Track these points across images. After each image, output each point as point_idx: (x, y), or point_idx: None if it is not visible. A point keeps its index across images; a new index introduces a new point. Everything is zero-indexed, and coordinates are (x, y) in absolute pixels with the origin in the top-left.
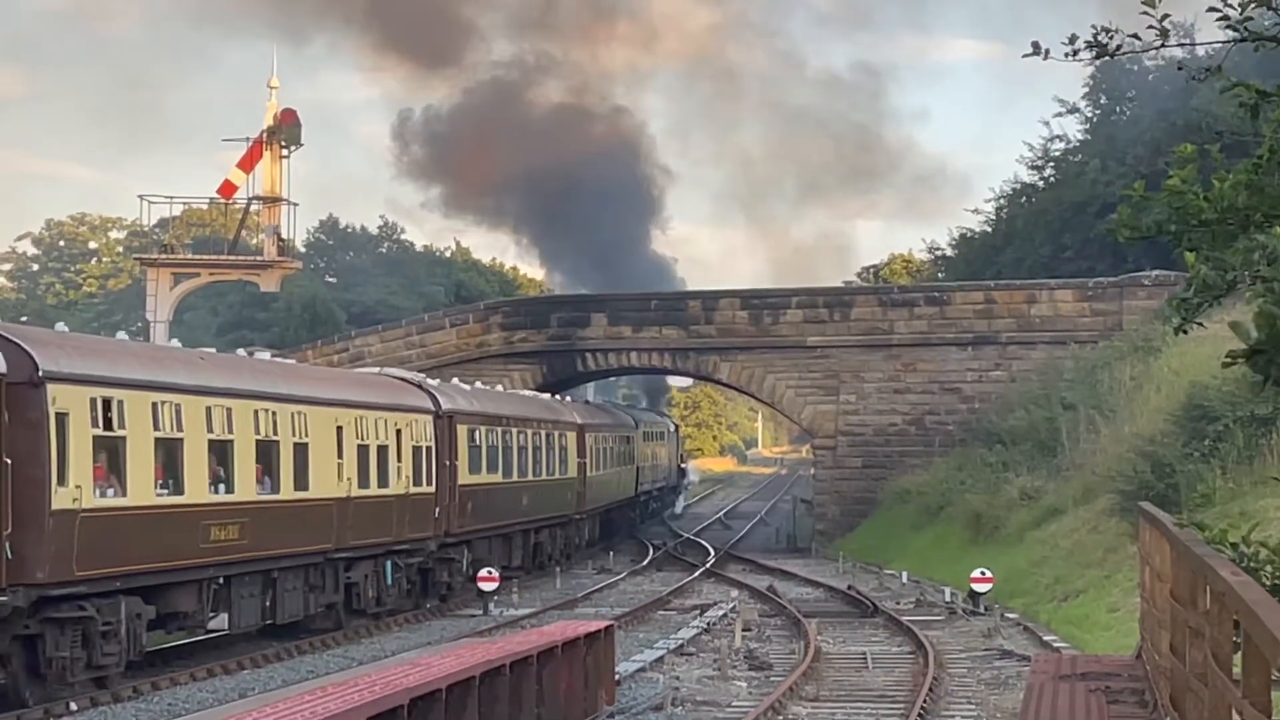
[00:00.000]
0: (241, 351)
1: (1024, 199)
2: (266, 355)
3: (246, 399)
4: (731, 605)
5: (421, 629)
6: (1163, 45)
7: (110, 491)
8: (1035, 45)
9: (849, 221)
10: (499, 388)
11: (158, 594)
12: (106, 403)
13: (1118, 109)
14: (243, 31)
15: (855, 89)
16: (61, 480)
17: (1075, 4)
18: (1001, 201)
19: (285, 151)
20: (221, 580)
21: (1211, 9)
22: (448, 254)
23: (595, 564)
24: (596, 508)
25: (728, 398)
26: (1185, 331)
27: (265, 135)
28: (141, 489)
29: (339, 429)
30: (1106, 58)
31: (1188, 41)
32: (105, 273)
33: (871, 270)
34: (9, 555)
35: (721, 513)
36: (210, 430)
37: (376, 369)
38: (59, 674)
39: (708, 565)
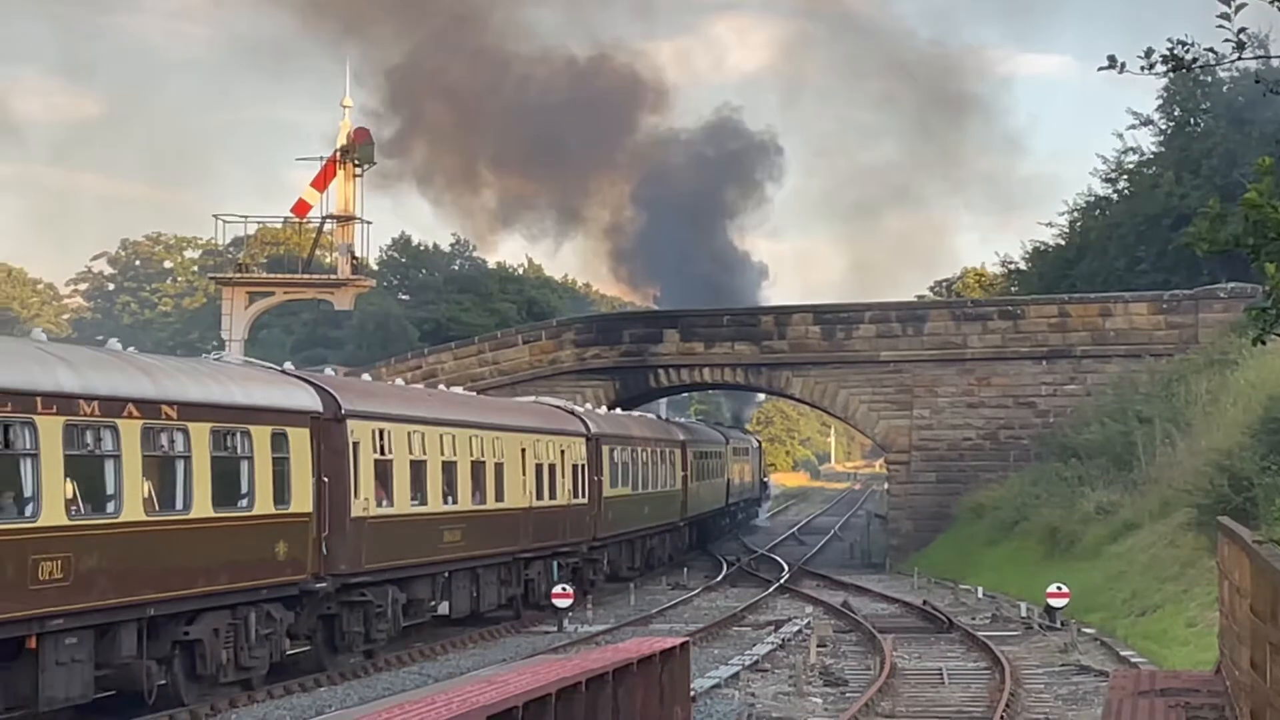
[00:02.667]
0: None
1: (1098, 212)
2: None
3: (464, 428)
4: (806, 621)
5: (496, 646)
6: (1239, 58)
7: (384, 503)
8: (1111, 59)
9: (926, 234)
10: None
11: (406, 585)
12: (381, 433)
13: (1192, 121)
14: (313, 53)
15: (933, 101)
16: (356, 494)
17: (1144, 16)
18: (1075, 214)
19: (358, 170)
20: (446, 574)
21: None
22: (520, 271)
23: (669, 580)
24: (696, 516)
25: (800, 413)
26: (1263, 343)
27: (339, 154)
28: (402, 501)
29: (523, 451)
30: (1182, 70)
31: (1263, 54)
32: (180, 292)
33: (944, 284)
34: (324, 551)
35: (795, 528)
36: (442, 453)
37: (533, 398)
38: (349, 645)
39: (782, 581)
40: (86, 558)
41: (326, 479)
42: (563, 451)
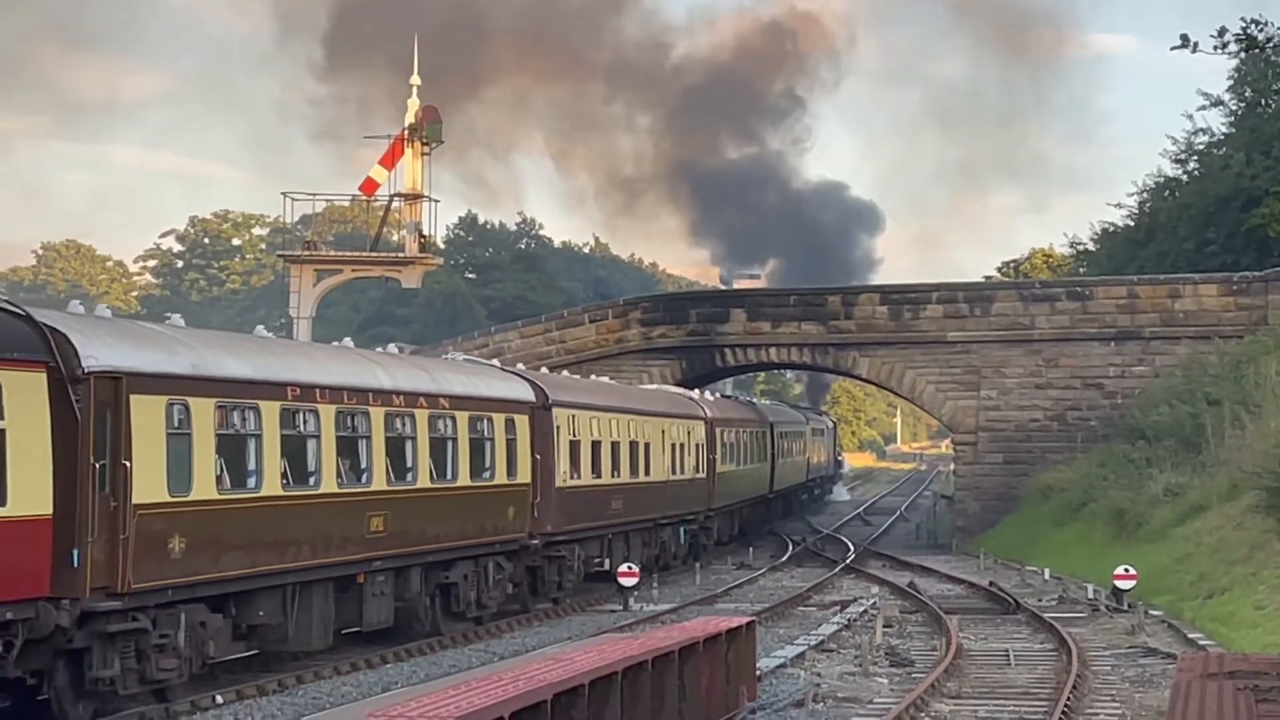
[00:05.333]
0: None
1: (1167, 193)
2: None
3: (624, 413)
4: (872, 601)
5: (562, 624)
6: None
7: (574, 475)
8: (1184, 38)
9: (992, 215)
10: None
11: (584, 544)
12: (573, 418)
13: (1263, 102)
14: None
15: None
16: (558, 468)
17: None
18: (1144, 195)
19: (426, 148)
20: (609, 536)
21: None
22: (586, 249)
23: (734, 559)
24: (781, 490)
25: (866, 393)
26: None
27: (407, 132)
28: (586, 474)
29: (662, 432)
30: (1255, 50)
31: None
32: (248, 269)
33: (1012, 265)
34: (535, 515)
35: (861, 508)
36: (611, 435)
37: (656, 386)
38: (550, 591)
39: (848, 561)
40: (396, 515)
41: (538, 456)
42: (688, 432)
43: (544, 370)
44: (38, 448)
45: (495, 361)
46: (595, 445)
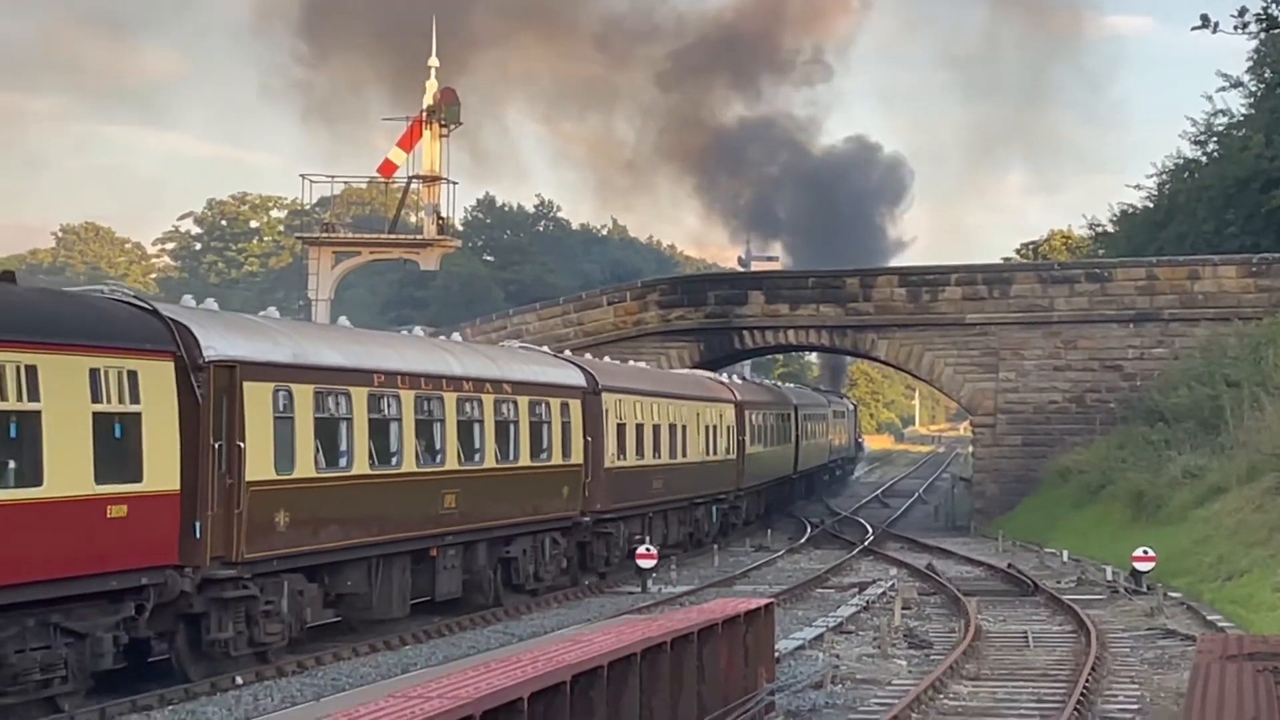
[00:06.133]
0: (418, 330)
1: (1186, 174)
2: (423, 332)
3: (663, 398)
4: (890, 583)
5: (580, 606)
6: None
7: (620, 457)
8: (1204, 18)
9: (1010, 197)
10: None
11: (628, 522)
12: (619, 402)
13: None
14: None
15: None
16: (606, 450)
17: None
18: (1163, 177)
19: (444, 130)
20: (649, 515)
21: None
22: (604, 232)
23: (753, 541)
24: (805, 470)
25: (885, 375)
26: None
27: (425, 114)
28: (630, 456)
29: (697, 415)
30: (1276, 30)
31: None
32: (266, 251)
33: (1031, 247)
34: (586, 494)
35: (879, 490)
36: (653, 418)
37: (688, 370)
38: (599, 566)
39: (866, 543)
40: (466, 493)
41: (589, 438)
42: (720, 415)
43: (567, 353)
44: (168, 430)
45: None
46: (639, 428)
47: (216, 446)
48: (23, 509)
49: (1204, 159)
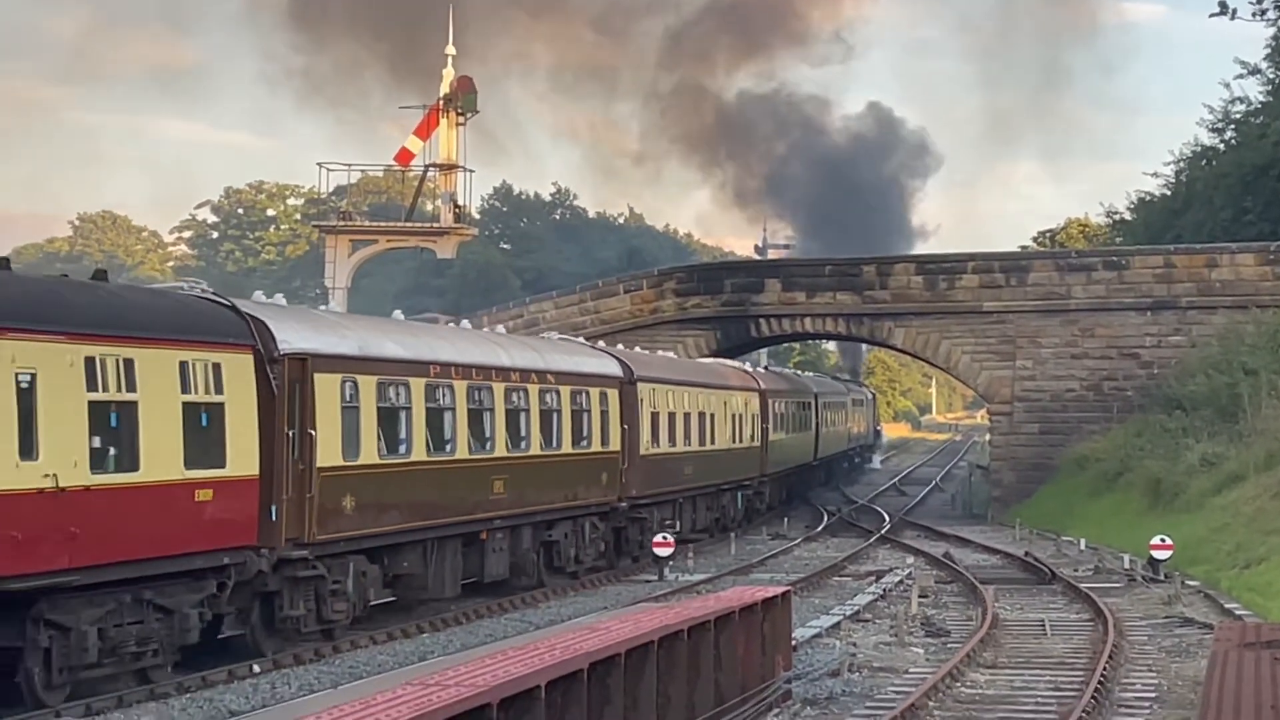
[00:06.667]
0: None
1: (1204, 162)
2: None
3: (693, 387)
4: (907, 571)
5: (597, 594)
6: None
7: (655, 445)
8: (1223, 5)
9: (1026, 184)
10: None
11: (660, 508)
12: (653, 391)
13: None
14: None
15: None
16: (641, 438)
17: None
18: (1181, 164)
19: (461, 119)
20: (680, 501)
21: None
22: (620, 220)
23: (770, 530)
24: (825, 457)
25: (902, 363)
26: None
27: (442, 103)
28: (663, 443)
29: (724, 403)
30: None
31: None
32: (283, 240)
33: (1048, 235)
34: (623, 480)
35: (896, 478)
36: (684, 407)
37: (714, 360)
38: (633, 550)
39: (883, 531)
40: (513, 479)
41: (626, 426)
42: (745, 403)
43: (601, 344)
44: (247, 418)
45: (580, 338)
46: (671, 417)
47: (290, 434)
48: (123, 492)
49: (1222, 146)
